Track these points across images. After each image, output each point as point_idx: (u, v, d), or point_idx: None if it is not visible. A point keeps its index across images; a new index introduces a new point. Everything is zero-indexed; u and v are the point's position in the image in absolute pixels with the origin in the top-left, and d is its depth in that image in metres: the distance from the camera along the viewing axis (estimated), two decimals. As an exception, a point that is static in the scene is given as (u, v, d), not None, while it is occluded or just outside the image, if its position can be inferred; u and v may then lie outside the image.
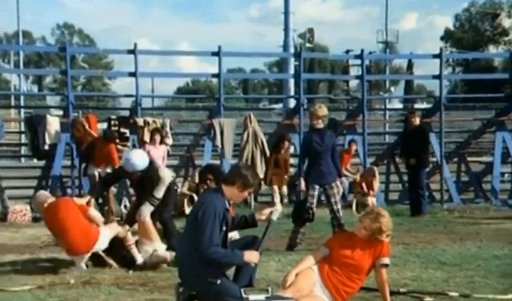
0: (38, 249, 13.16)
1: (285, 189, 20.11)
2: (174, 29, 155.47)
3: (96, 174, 17.92)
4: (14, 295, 9.26)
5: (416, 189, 18.28)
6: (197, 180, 16.13)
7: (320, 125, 13.05)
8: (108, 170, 17.99)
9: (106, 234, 11.01)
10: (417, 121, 18.71)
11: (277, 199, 19.21)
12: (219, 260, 7.58)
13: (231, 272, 7.95)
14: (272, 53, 44.89)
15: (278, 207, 8.32)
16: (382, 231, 7.92)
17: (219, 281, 7.61)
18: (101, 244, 10.93)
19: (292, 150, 21.73)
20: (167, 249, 11.33)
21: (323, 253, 8.01)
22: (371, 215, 8.04)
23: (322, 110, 13.27)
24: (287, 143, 19.68)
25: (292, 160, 22.57)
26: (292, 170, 22.34)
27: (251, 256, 7.66)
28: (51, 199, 11.22)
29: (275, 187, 19.64)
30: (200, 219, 7.59)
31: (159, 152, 18.44)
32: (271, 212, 8.03)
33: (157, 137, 18.53)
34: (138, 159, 11.59)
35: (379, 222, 7.92)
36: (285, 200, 19.55)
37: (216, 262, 7.58)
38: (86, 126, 18.95)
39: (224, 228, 7.74)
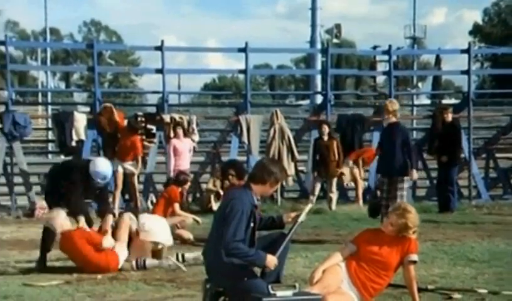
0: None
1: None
2: (201, 25, 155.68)
3: (121, 170, 17.92)
4: (42, 290, 9.29)
5: (445, 186, 18.19)
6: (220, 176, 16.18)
7: (391, 119, 13.10)
8: (130, 166, 18.02)
9: (123, 247, 10.93)
10: (450, 117, 18.61)
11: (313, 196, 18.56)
12: (241, 257, 7.56)
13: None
14: (299, 49, 44.87)
15: (307, 208, 8.26)
16: (408, 227, 7.87)
17: (246, 278, 7.59)
18: (123, 258, 10.85)
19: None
20: None
21: (350, 249, 7.97)
22: (398, 211, 8.01)
23: (393, 104, 13.31)
24: (325, 127, 18.91)
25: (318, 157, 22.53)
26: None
27: (272, 261, 7.62)
28: (64, 228, 11.09)
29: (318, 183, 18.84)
30: (227, 214, 7.59)
31: (185, 145, 18.50)
32: (298, 215, 8.00)
33: (180, 131, 18.57)
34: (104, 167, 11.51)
35: (405, 218, 7.87)
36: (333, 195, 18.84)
37: (238, 259, 7.57)
38: (115, 114, 18.98)
39: (252, 224, 7.73)
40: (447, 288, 9.06)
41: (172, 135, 18.88)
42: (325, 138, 18.42)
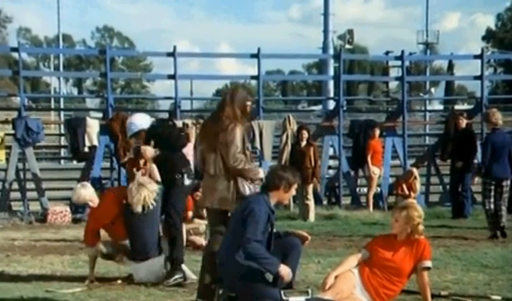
0: (78, 250, 13.19)
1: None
2: (214, 30, 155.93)
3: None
4: (54, 295, 9.29)
5: (459, 192, 18.14)
6: None
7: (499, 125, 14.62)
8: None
9: None
10: (463, 123, 18.56)
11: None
12: (258, 257, 7.51)
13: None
14: (311, 55, 44.88)
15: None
16: (411, 218, 7.88)
17: (259, 283, 7.57)
18: None
19: (331, 152, 21.62)
20: None
21: (363, 255, 7.96)
22: (399, 206, 8.25)
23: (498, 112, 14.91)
24: (304, 132, 18.72)
25: (331, 162, 22.49)
26: (331, 172, 22.29)
27: (285, 271, 7.54)
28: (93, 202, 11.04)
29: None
30: (245, 215, 7.58)
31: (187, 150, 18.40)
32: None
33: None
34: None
35: (406, 210, 7.93)
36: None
37: (254, 258, 7.53)
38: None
39: (269, 229, 7.73)
40: (460, 295, 9.01)
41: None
42: (303, 144, 18.01)
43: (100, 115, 21.45)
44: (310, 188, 18.03)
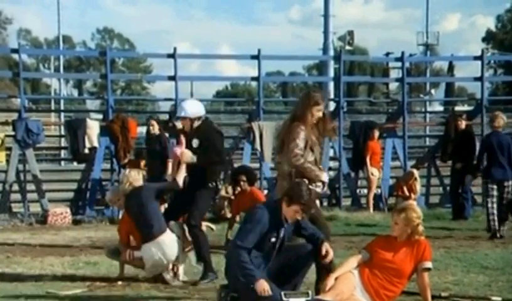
0: (78, 252, 13.23)
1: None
2: (214, 32, 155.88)
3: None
4: (55, 297, 9.30)
5: (459, 193, 18.15)
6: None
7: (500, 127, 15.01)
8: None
9: None
10: (463, 125, 18.58)
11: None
12: (238, 264, 7.62)
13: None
14: (312, 56, 44.74)
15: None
16: (410, 219, 7.89)
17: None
18: None
19: (331, 153, 21.62)
20: None
21: (363, 257, 7.96)
22: (398, 209, 8.23)
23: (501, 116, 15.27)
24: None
25: (331, 163, 22.48)
26: (331, 174, 22.28)
27: (261, 288, 7.55)
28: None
29: None
30: (246, 219, 7.71)
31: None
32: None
33: (183, 138, 18.42)
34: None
35: (405, 212, 7.93)
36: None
37: (235, 264, 7.63)
38: (127, 125, 19.08)
39: (273, 240, 7.83)
40: (461, 296, 9.02)
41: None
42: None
43: (100, 116, 21.46)
44: None
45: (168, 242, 10.06)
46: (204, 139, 10.45)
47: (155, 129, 17.08)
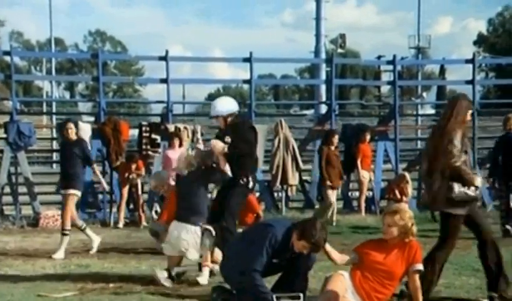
0: (70, 255, 13.21)
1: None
2: (207, 35, 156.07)
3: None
4: (46, 300, 9.30)
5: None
6: None
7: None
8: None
9: None
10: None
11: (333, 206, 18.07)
12: (251, 286, 7.74)
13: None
14: (303, 59, 44.91)
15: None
16: (403, 219, 7.90)
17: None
18: None
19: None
20: None
21: (353, 259, 8.02)
22: (390, 212, 8.19)
23: None
24: (337, 137, 18.79)
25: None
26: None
27: None
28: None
29: (329, 191, 18.14)
30: (257, 237, 7.81)
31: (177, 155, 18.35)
32: None
33: (176, 141, 18.44)
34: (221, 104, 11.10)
35: (398, 214, 7.98)
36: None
37: (248, 285, 7.74)
38: (119, 128, 19.06)
39: (274, 261, 8.00)
40: (452, 298, 9.03)
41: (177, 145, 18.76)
42: (333, 148, 18.33)
43: (92, 119, 21.42)
44: None
45: (191, 235, 10.20)
46: (235, 134, 10.49)
47: (72, 134, 14.51)
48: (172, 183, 12.07)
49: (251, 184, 10.77)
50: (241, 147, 10.48)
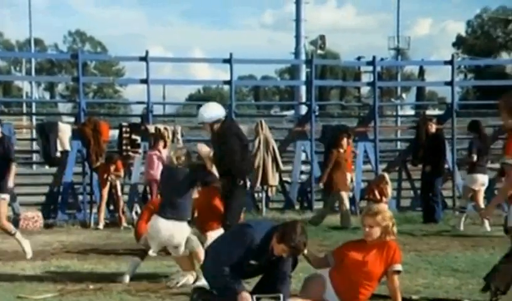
0: (50, 256, 13.18)
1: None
2: (188, 36, 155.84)
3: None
4: (24, 302, 9.30)
5: (429, 196, 18.28)
6: None
7: None
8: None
9: None
10: (433, 128, 18.76)
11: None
12: (220, 278, 7.80)
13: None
14: (284, 60, 44.80)
15: None
16: (384, 219, 7.98)
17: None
18: None
19: (303, 157, 21.66)
20: None
21: (330, 263, 8.07)
22: (370, 213, 8.21)
23: None
24: (345, 139, 18.75)
25: (303, 167, 22.53)
26: (303, 177, 22.31)
27: (243, 299, 7.82)
28: None
29: (342, 193, 18.01)
30: (234, 234, 7.83)
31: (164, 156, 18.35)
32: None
33: (161, 143, 18.45)
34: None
35: (380, 215, 8.03)
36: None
37: (218, 280, 7.75)
38: (99, 128, 19.02)
39: (252, 262, 8.02)
40: (432, 299, 9.09)
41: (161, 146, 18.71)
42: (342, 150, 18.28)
43: (72, 119, 21.34)
44: None
45: (176, 229, 10.21)
46: (222, 143, 10.60)
47: None
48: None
49: (248, 185, 11.05)
50: (230, 158, 10.61)
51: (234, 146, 10.86)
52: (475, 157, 16.70)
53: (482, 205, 16.36)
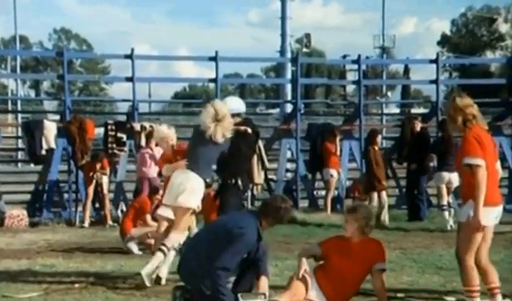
0: (35, 254, 13.15)
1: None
2: (174, 35, 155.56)
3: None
4: (11, 300, 9.26)
5: (415, 194, 18.35)
6: None
7: None
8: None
9: None
10: (418, 127, 18.85)
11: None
12: (217, 288, 7.69)
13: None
14: (269, 58, 44.81)
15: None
16: (362, 214, 8.02)
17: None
18: None
19: (288, 155, 21.70)
20: None
21: (315, 251, 8.11)
22: (349, 209, 8.42)
23: None
24: (379, 136, 18.66)
25: (289, 165, 22.56)
26: (289, 175, 22.34)
27: None
28: None
29: (374, 194, 17.83)
30: (232, 237, 7.73)
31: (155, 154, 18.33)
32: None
33: (153, 141, 18.45)
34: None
35: (356, 210, 8.07)
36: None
37: (213, 285, 7.70)
38: (85, 126, 19.01)
39: (245, 256, 7.96)
40: (416, 297, 9.13)
41: (144, 144, 18.67)
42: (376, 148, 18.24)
43: (58, 117, 21.32)
44: None
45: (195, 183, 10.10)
46: (233, 140, 10.67)
47: None
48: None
49: (240, 185, 11.11)
50: (239, 153, 10.76)
51: (248, 153, 11.03)
52: (434, 157, 16.96)
53: (445, 202, 16.51)
